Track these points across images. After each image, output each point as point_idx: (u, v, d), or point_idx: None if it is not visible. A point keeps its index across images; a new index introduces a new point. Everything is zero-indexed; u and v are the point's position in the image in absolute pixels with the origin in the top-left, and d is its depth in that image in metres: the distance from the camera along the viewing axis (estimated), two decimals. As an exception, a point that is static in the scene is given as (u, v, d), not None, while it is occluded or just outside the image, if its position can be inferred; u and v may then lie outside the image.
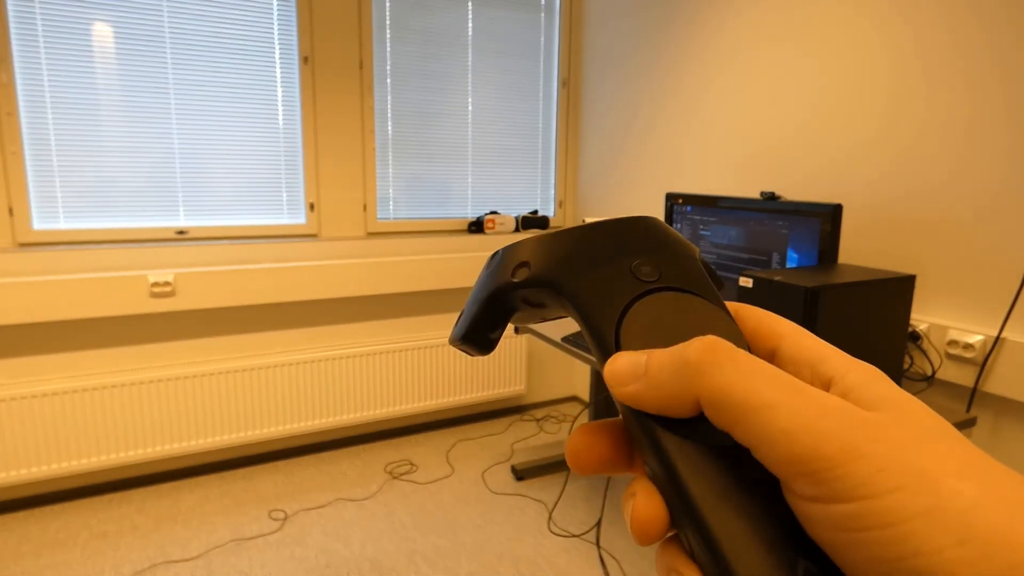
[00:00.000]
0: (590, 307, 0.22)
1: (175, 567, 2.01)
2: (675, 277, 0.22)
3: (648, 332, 0.21)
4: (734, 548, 0.17)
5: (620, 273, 0.22)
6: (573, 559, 2.07)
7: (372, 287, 2.73)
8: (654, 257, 0.23)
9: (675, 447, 0.19)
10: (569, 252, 0.23)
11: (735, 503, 0.18)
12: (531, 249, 0.23)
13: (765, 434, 0.17)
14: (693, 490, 0.18)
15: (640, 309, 0.21)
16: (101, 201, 2.36)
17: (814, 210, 1.74)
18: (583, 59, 3.15)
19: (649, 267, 0.22)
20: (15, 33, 2.17)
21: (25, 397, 2.19)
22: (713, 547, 0.18)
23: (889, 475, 0.16)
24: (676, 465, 0.19)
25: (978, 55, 1.62)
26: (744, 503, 0.18)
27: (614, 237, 0.23)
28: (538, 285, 0.23)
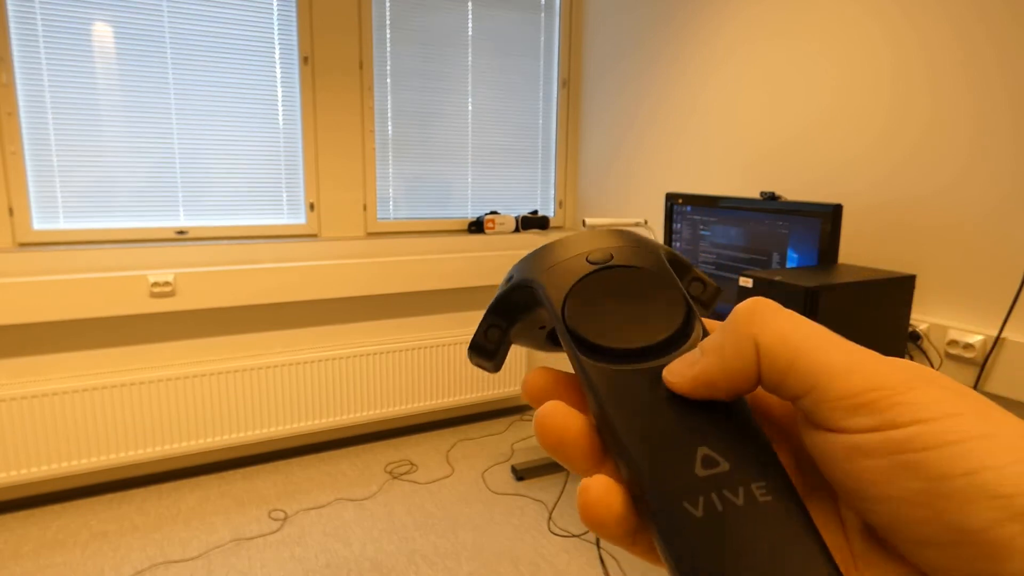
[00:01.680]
0: (549, 291, 0.24)
1: (175, 567, 2.01)
2: (625, 259, 0.25)
3: (590, 299, 0.23)
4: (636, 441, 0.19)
5: (575, 261, 0.25)
6: (573, 559, 2.07)
7: (372, 287, 2.73)
8: (609, 247, 0.25)
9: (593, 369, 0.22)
10: (541, 256, 0.26)
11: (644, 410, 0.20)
12: (518, 264, 0.27)
13: (821, 369, 0.18)
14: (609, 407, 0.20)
15: (586, 283, 0.24)
16: (101, 201, 2.37)
17: (814, 210, 1.74)
18: (583, 59, 3.15)
19: (601, 254, 0.25)
20: (15, 33, 2.17)
21: (25, 397, 2.19)
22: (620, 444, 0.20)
23: (946, 404, 0.16)
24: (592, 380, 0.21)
25: (983, 57, 1.62)
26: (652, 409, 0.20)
27: (579, 241, 0.26)
28: (518, 287, 0.26)
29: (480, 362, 0.27)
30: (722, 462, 0.19)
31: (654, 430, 0.20)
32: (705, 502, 0.18)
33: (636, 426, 0.20)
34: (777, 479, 0.18)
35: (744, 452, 0.19)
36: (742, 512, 0.18)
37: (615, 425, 0.20)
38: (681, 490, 0.18)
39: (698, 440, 0.19)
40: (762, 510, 0.18)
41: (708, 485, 0.18)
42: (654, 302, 0.23)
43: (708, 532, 0.18)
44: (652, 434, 0.20)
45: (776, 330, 0.19)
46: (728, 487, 0.18)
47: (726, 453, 0.19)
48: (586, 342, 0.22)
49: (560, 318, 0.23)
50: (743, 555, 0.17)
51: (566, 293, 0.24)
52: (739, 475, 0.18)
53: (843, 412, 0.17)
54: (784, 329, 0.19)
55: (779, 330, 0.19)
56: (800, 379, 0.18)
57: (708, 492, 0.18)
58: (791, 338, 0.18)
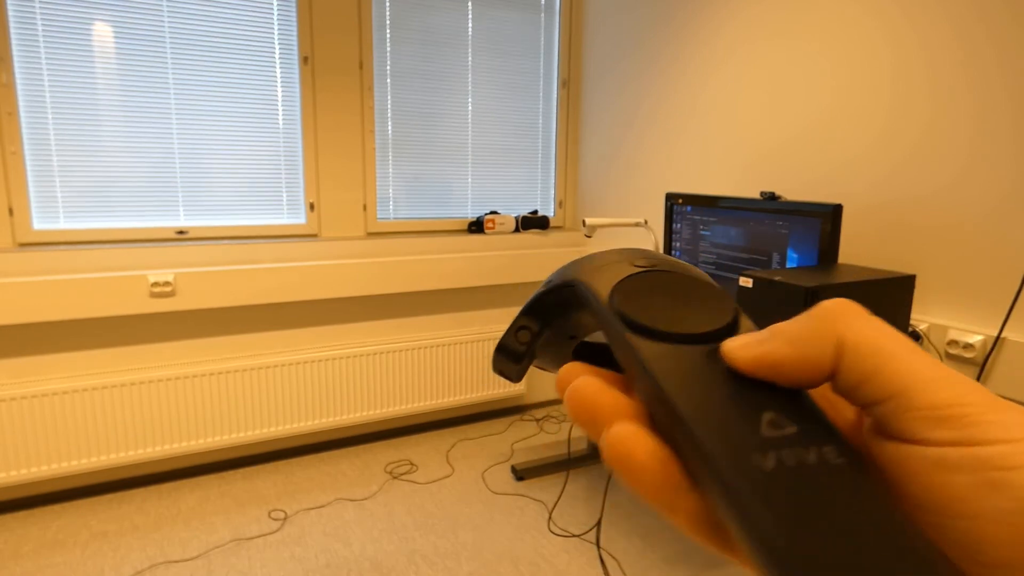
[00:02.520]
0: (592, 287, 0.23)
1: (175, 567, 2.01)
2: (670, 267, 0.24)
3: (637, 293, 0.23)
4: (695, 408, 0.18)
5: (620, 265, 0.24)
6: (573, 559, 2.07)
7: (372, 287, 2.73)
8: (653, 258, 0.25)
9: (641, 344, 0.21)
10: (583, 261, 0.26)
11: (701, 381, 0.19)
12: (558, 270, 0.26)
13: (910, 378, 0.17)
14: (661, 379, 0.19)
15: (632, 281, 0.23)
16: (101, 201, 2.37)
17: (814, 210, 1.74)
18: (583, 59, 3.15)
19: (646, 261, 0.25)
20: (15, 33, 2.17)
21: (25, 397, 2.19)
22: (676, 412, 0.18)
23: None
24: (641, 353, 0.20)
25: (983, 57, 1.62)
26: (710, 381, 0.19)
27: (622, 251, 0.26)
28: (559, 287, 0.25)
29: (504, 366, 0.26)
30: (789, 425, 0.18)
31: (713, 398, 0.19)
32: (776, 456, 0.17)
33: (694, 395, 0.19)
34: (847, 447, 0.18)
35: (811, 420, 0.18)
36: (816, 470, 0.17)
37: (668, 394, 0.19)
38: (748, 445, 0.17)
39: (762, 405, 0.18)
40: (837, 471, 0.17)
41: (777, 443, 0.17)
42: (702, 300, 0.23)
43: (780, 485, 0.16)
44: (711, 401, 0.19)
45: (866, 331, 0.18)
46: (798, 447, 0.17)
47: (792, 418, 0.18)
48: (634, 323, 0.21)
49: (604, 305, 0.22)
50: (821, 511, 0.16)
51: (612, 287, 0.23)
52: (808, 438, 0.17)
53: (928, 423, 0.17)
54: (873, 332, 0.18)
55: (869, 332, 0.18)
56: (885, 384, 0.18)
57: (778, 448, 0.17)
58: (880, 342, 0.18)
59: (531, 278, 3.07)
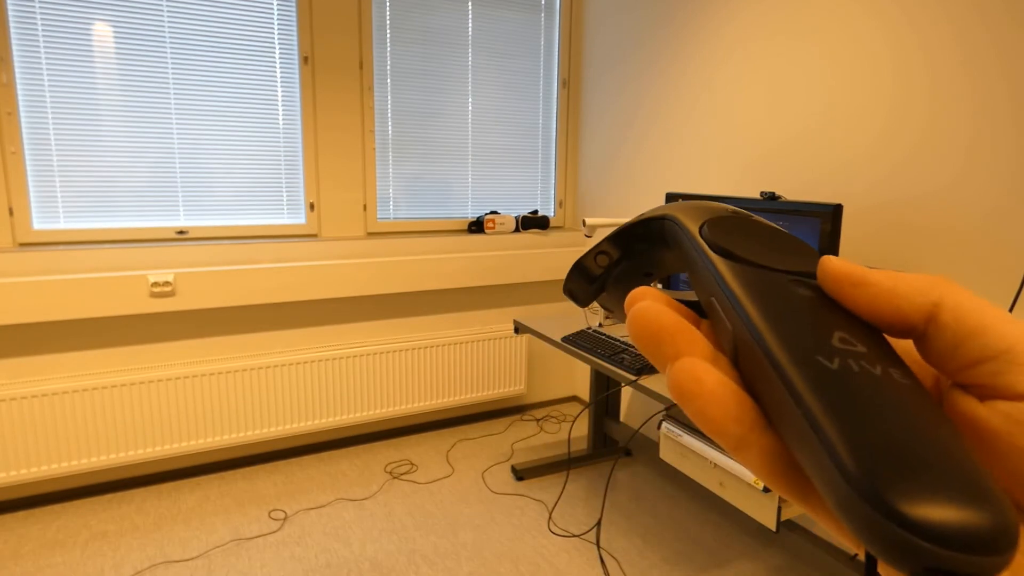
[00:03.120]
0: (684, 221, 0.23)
1: (175, 567, 2.01)
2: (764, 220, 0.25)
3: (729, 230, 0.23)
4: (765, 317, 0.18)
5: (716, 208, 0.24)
6: (573, 559, 2.07)
7: (372, 287, 2.73)
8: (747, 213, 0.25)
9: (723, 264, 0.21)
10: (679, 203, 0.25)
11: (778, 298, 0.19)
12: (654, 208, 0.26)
13: (1016, 336, 0.17)
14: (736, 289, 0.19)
15: (724, 220, 0.23)
16: (101, 201, 2.37)
17: (814, 210, 1.74)
18: (583, 59, 3.15)
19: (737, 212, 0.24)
20: (15, 33, 2.17)
21: (25, 397, 2.19)
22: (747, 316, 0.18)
23: None
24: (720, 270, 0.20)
25: (983, 57, 1.62)
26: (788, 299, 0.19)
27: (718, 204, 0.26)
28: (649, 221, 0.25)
29: (576, 286, 0.26)
30: (859, 345, 0.18)
31: (787, 312, 0.19)
32: (841, 361, 0.17)
33: (768, 307, 0.19)
34: (914, 376, 0.17)
35: (882, 346, 0.18)
36: (880, 380, 0.17)
37: (742, 302, 0.19)
38: (814, 348, 0.17)
39: (836, 326, 0.18)
40: (901, 386, 0.17)
41: (844, 352, 0.17)
42: (793, 249, 0.22)
43: (844, 386, 0.16)
44: (785, 314, 0.18)
45: (965, 295, 0.19)
46: (866, 360, 0.17)
47: (863, 340, 0.18)
48: (721, 248, 0.21)
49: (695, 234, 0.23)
50: (885, 413, 0.16)
51: (704, 221, 0.23)
52: (876, 357, 0.17)
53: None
54: (974, 298, 0.19)
55: (969, 297, 0.19)
56: (991, 343, 0.18)
57: (845, 356, 0.17)
58: (982, 306, 0.18)
59: (531, 278, 3.07)
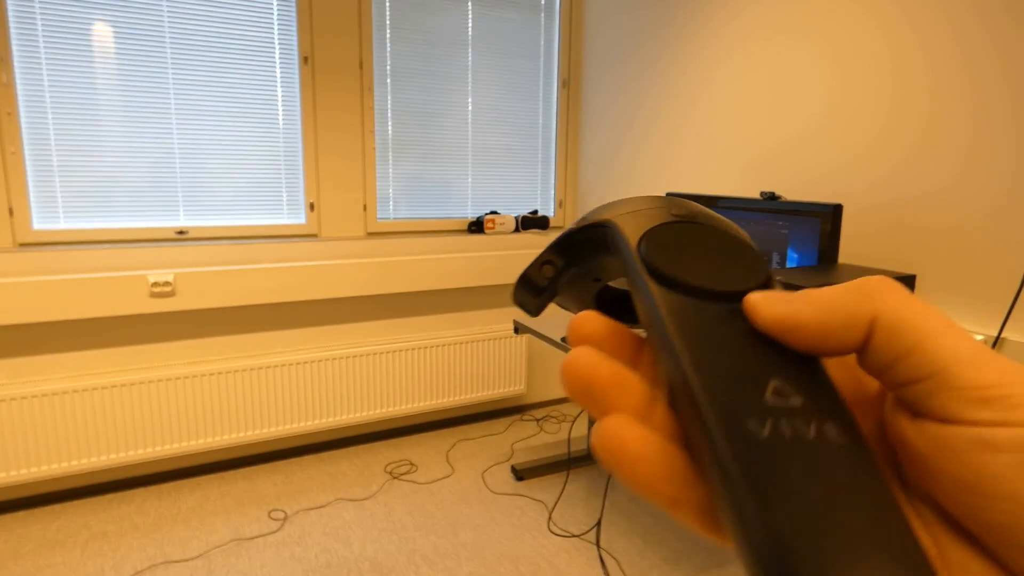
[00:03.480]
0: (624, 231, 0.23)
1: (175, 567, 2.01)
2: (707, 219, 0.23)
3: (668, 243, 0.22)
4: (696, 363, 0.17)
5: (658, 212, 0.23)
6: (573, 559, 2.07)
7: (372, 287, 2.73)
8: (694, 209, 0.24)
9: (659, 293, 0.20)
10: (621, 203, 0.25)
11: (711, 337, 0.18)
12: (594, 209, 0.25)
13: (951, 357, 0.17)
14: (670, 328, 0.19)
15: (665, 229, 0.22)
16: (101, 201, 2.36)
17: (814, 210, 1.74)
18: (583, 59, 3.15)
19: (685, 211, 0.23)
20: (15, 33, 2.17)
21: (25, 397, 2.19)
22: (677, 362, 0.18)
23: None
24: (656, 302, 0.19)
25: (983, 57, 1.62)
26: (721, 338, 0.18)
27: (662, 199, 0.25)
28: (592, 227, 0.24)
29: (524, 298, 0.26)
30: (794, 396, 0.17)
31: (721, 355, 0.18)
32: (773, 425, 0.16)
33: (702, 349, 0.18)
34: (852, 426, 0.17)
35: (819, 393, 0.17)
36: (813, 445, 0.16)
37: (674, 344, 0.18)
38: (745, 409, 0.16)
39: (770, 372, 0.17)
40: (835, 450, 0.16)
41: (777, 411, 0.16)
42: (735, 259, 0.21)
43: (772, 456, 0.15)
44: (719, 357, 0.18)
45: (904, 308, 0.18)
46: (800, 418, 0.16)
47: (800, 389, 0.17)
48: (658, 271, 0.20)
49: (632, 249, 0.21)
50: (811, 487, 0.15)
51: (643, 233, 0.22)
52: (812, 411, 0.17)
53: (971, 403, 0.16)
54: (912, 309, 0.18)
55: (907, 309, 0.18)
56: (923, 362, 0.17)
57: (777, 417, 0.16)
58: (919, 319, 0.17)
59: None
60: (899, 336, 0.17)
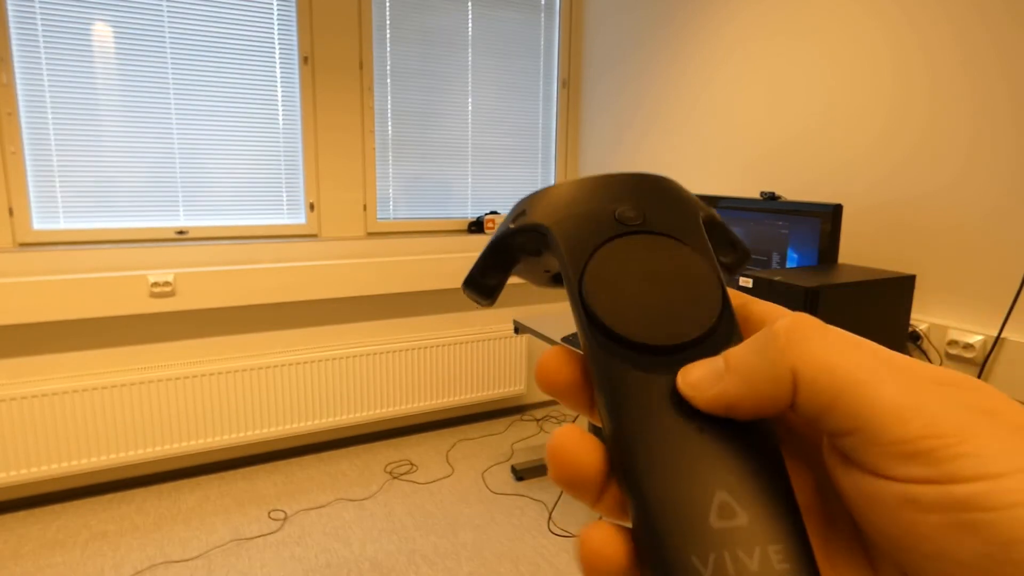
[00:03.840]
0: (566, 249, 0.22)
1: (175, 567, 2.01)
2: (659, 223, 0.22)
3: (613, 274, 0.21)
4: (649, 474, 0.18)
5: (601, 216, 0.22)
6: (573, 559, 2.07)
7: (372, 287, 2.73)
8: (642, 203, 0.22)
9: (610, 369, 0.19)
10: (561, 198, 0.23)
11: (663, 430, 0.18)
12: (532, 198, 0.24)
13: (872, 410, 0.16)
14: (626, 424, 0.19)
15: (611, 250, 0.21)
16: (101, 201, 2.36)
17: (814, 210, 1.74)
18: (583, 59, 3.15)
19: (633, 212, 0.22)
20: (15, 33, 2.17)
21: (25, 397, 2.19)
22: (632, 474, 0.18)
23: (1013, 457, 0.15)
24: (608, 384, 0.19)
25: (983, 57, 1.62)
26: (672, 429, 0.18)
27: (608, 186, 0.23)
28: (529, 231, 0.23)
29: (475, 298, 0.25)
30: (740, 513, 0.17)
31: (671, 459, 0.18)
32: (716, 560, 0.16)
33: (653, 452, 0.18)
34: (796, 543, 0.17)
35: (765, 502, 0.17)
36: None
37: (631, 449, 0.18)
38: (692, 542, 0.17)
39: (718, 481, 0.18)
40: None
41: (722, 541, 0.17)
42: (687, 286, 0.21)
43: None
44: (668, 465, 0.18)
45: (820, 359, 0.17)
46: (743, 546, 0.17)
47: (746, 502, 0.17)
48: (606, 328, 0.20)
49: (578, 294, 0.21)
50: None
51: (586, 259, 0.21)
52: (756, 533, 0.17)
53: (895, 459, 0.15)
54: (829, 358, 0.17)
55: (823, 360, 0.17)
56: (845, 418, 0.16)
57: (720, 550, 0.17)
58: (837, 370, 0.16)
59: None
60: (819, 392, 0.17)
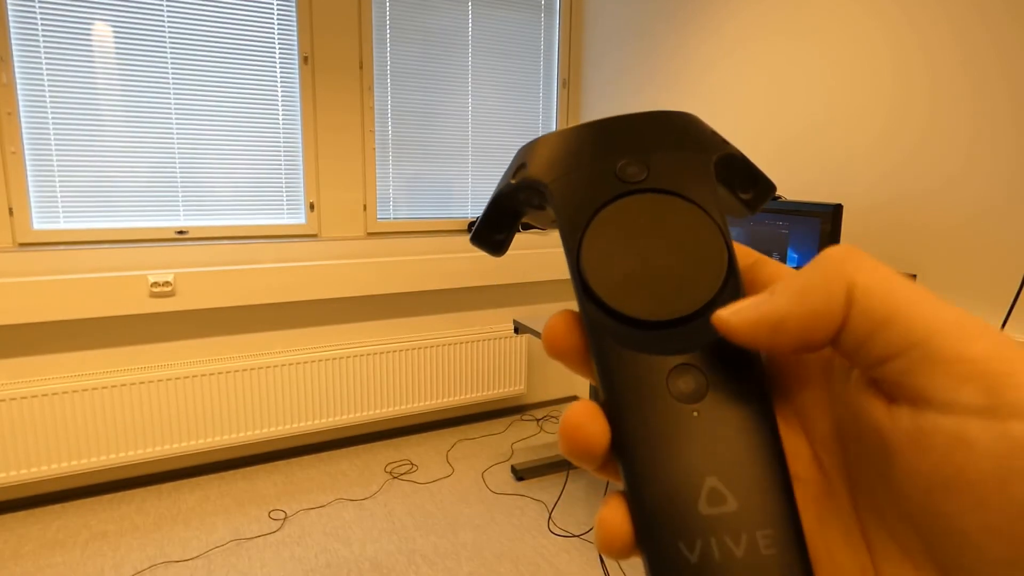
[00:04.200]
0: (563, 214, 0.20)
1: (175, 567, 2.01)
2: (664, 178, 0.20)
3: (611, 240, 0.20)
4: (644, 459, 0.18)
5: (602, 173, 0.21)
6: (573, 559, 2.07)
7: (372, 287, 2.73)
8: (646, 155, 0.21)
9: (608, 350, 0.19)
10: (562, 151, 0.21)
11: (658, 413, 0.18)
12: (533, 148, 0.22)
13: (935, 324, 0.14)
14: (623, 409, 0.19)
15: (610, 213, 0.20)
16: (101, 201, 2.36)
17: (814, 210, 1.74)
18: (583, 59, 3.15)
19: (636, 167, 0.21)
20: (15, 33, 2.17)
21: (25, 397, 2.19)
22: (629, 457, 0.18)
23: None
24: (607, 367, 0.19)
25: (983, 57, 1.62)
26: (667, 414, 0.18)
27: (613, 133, 0.22)
28: (529, 187, 0.22)
29: (484, 247, 0.25)
30: (729, 499, 0.17)
31: (662, 443, 0.18)
32: (703, 547, 0.17)
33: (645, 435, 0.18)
34: (785, 527, 0.17)
35: (756, 488, 0.17)
36: (739, 564, 0.16)
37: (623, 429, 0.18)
38: (680, 529, 0.17)
39: (709, 467, 0.18)
40: (761, 565, 0.16)
41: (709, 527, 0.17)
42: (690, 253, 0.19)
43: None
44: (659, 449, 0.18)
45: (878, 274, 0.16)
46: (730, 533, 0.17)
47: (736, 487, 0.17)
48: (602, 303, 0.19)
49: (575, 265, 0.20)
50: None
51: (584, 225, 0.20)
52: (745, 519, 0.17)
53: (953, 380, 0.14)
54: (887, 275, 0.16)
55: (881, 274, 0.16)
56: (902, 332, 0.15)
57: (707, 536, 0.17)
58: (894, 285, 0.15)
59: (531, 278, 3.07)
60: (875, 303, 0.15)
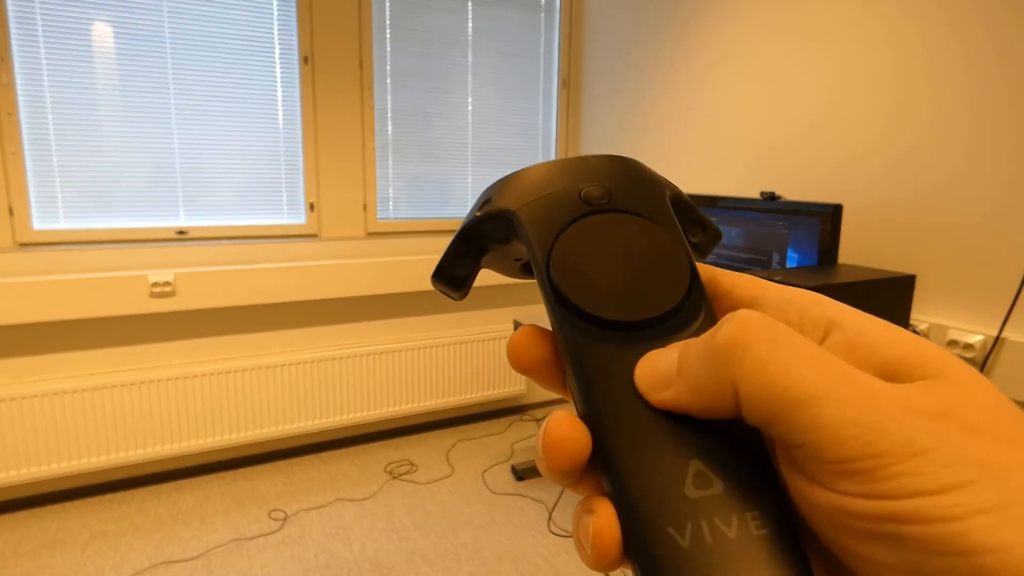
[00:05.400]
0: (532, 232, 0.21)
1: (175, 567, 2.01)
2: (626, 202, 0.22)
3: (579, 252, 0.21)
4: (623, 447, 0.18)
5: (566, 197, 0.22)
6: (573, 559, 2.07)
7: (372, 287, 2.73)
8: (608, 183, 0.22)
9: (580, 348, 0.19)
10: (526, 183, 0.23)
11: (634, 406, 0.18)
12: (498, 185, 0.23)
13: (812, 431, 0.16)
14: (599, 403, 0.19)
15: (577, 230, 0.21)
16: (101, 201, 2.36)
17: (814, 210, 1.74)
18: (583, 59, 3.15)
19: (599, 191, 0.22)
20: (15, 33, 2.17)
21: (25, 397, 2.19)
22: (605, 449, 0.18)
23: (954, 471, 0.14)
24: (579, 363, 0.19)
25: (983, 57, 1.62)
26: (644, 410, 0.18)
27: (574, 168, 0.23)
28: (495, 217, 0.23)
29: (445, 290, 0.25)
30: (716, 482, 0.17)
31: (643, 433, 0.18)
32: (693, 529, 0.16)
33: (625, 427, 0.18)
34: (774, 508, 0.17)
35: (741, 471, 0.17)
36: (733, 545, 0.16)
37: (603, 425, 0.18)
38: (668, 514, 0.17)
39: (692, 451, 0.17)
40: (755, 545, 0.16)
41: (698, 510, 0.17)
42: (655, 262, 0.21)
43: (693, 566, 0.16)
44: (640, 437, 0.18)
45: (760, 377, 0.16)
46: (720, 514, 0.17)
47: (721, 470, 0.17)
48: (573, 306, 0.20)
49: (545, 273, 0.21)
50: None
51: (553, 239, 0.21)
52: (733, 500, 0.17)
53: (833, 476, 0.15)
54: (771, 375, 0.16)
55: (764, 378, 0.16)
56: (785, 435, 0.16)
57: (697, 518, 0.16)
58: (777, 387, 0.16)
59: (531, 278, 3.07)
60: (757, 409, 0.16)
